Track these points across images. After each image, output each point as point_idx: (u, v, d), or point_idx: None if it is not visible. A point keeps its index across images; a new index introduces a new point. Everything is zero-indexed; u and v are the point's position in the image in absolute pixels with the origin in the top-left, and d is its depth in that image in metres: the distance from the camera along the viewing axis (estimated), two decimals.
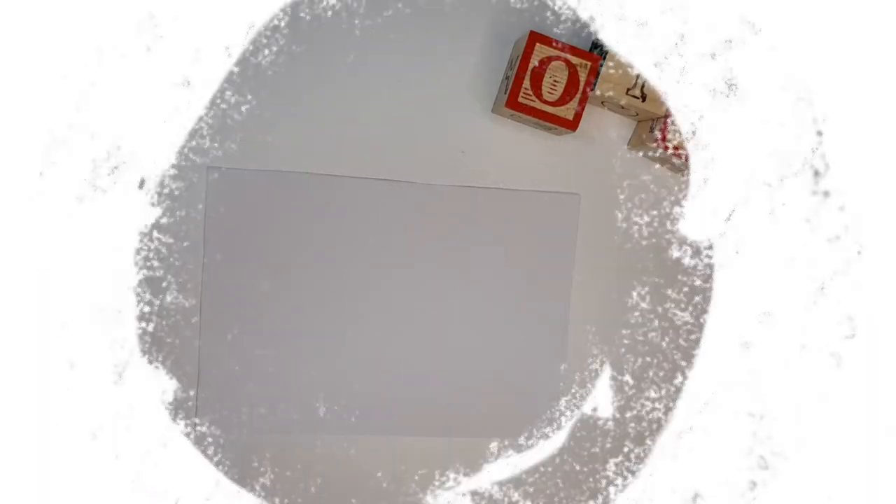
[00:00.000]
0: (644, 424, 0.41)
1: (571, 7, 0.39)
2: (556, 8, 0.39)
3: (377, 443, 0.39)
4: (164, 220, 0.36)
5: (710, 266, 0.42)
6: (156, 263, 0.36)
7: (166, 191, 0.36)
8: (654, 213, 0.41)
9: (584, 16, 0.39)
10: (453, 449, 0.39)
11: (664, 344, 0.41)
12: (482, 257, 0.39)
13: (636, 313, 0.41)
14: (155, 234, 0.36)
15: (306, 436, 0.38)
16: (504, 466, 0.40)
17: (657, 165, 0.41)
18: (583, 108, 0.37)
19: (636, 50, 0.37)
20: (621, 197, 0.40)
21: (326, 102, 0.38)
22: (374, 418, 0.38)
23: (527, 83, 0.36)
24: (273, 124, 0.37)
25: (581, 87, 0.36)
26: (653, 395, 0.41)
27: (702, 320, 0.41)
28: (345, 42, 0.38)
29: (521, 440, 0.40)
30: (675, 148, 0.38)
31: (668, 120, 0.37)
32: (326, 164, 0.38)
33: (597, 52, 0.38)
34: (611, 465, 0.40)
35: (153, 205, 0.36)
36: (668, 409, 0.41)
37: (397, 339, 0.38)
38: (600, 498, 0.40)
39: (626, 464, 0.41)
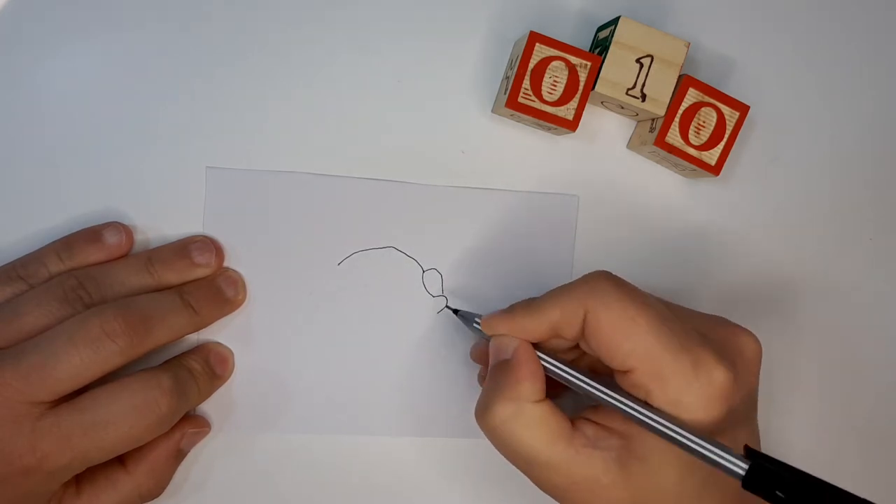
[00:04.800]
0: None
1: (572, 6, 0.39)
2: (556, 8, 0.39)
3: (377, 443, 0.39)
4: (163, 220, 0.36)
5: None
6: None
7: (166, 191, 0.36)
8: (654, 213, 0.41)
9: (584, 16, 0.39)
10: (453, 449, 0.39)
11: None
12: (481, 258, 0.39)
13: None
14: (154, 234, 0.36)
15: (304, 436, 0.38)
16: (504, 467, 0.39)
17: (657, 165, 0.41)
18: (583, 108, 0.37)
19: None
20: (621, 197, 0.40)
21: (326, 102, 0.37)
22: (373, 419, 0.38)
23: (527, 83, 0.36)
24: (273, 124, 0.37)
25: (581, 87, 0.36)
26: None
27: None
28: (344, 42, 0.38)
29: None
30: (676, 148, 0.38)
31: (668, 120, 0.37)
32: (326, 165, 0.37)
33: (597, 51, 0.38)
34: None
35: (152, 205, 0.36)
36: None
37: (397, 339, 0.38)
38: None
39: None
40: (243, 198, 0.37)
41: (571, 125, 0.37)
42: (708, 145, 0.38)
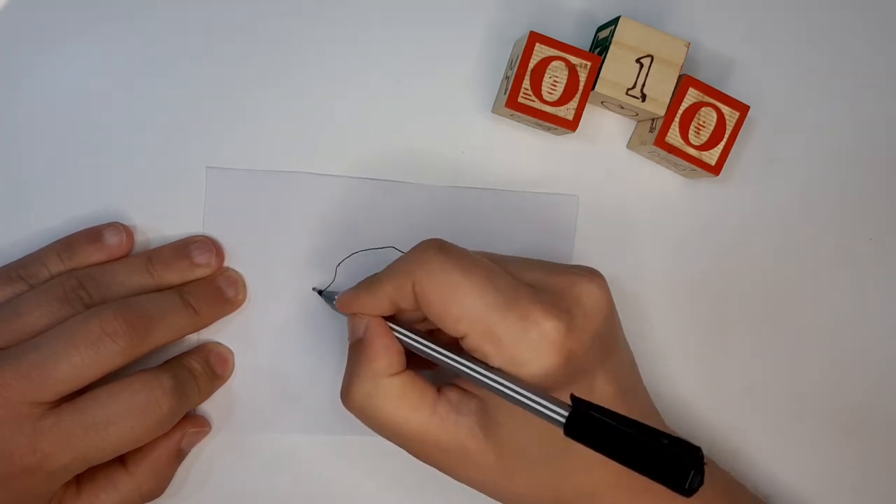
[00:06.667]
0: None
1: (572, 6, 0.39)
2: (556, 7, 0.39)
3: (376, 443, 0.39)
4: (163, 220, 0.36)
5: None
6: None
7: (166, 191, 0.36)
8: (654, 213, 0.41)
9: (584, 16, 0.39)
10: None
11: None
12: None
13: None
14: (154, 234, 0.36)
15: (304, 436, 0.38)
16: None
17: (657, 165, 0.41)
18: (583, 108, 0.37)
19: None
20: (621, 197, 0.40)
21: (326, 102, 0.37)
22: None
23: (527, 83, 0.36)
24: (273, 124, 0.37)
25: (581, 87, 0.36)
26: None
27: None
28: (344, 41, 0.38)
29: None
30: (676, 148, 0.38)
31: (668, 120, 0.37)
32: (326, 165, 0.37)
33: (597, 51, 0.38)
34: None
35: (152, 205, 0.36)
36: None
37: None
38: None
39: None
40: (243, 198, 0.37)
41: (571, 125, 0.37)
42: (708, 145, 0.38)
